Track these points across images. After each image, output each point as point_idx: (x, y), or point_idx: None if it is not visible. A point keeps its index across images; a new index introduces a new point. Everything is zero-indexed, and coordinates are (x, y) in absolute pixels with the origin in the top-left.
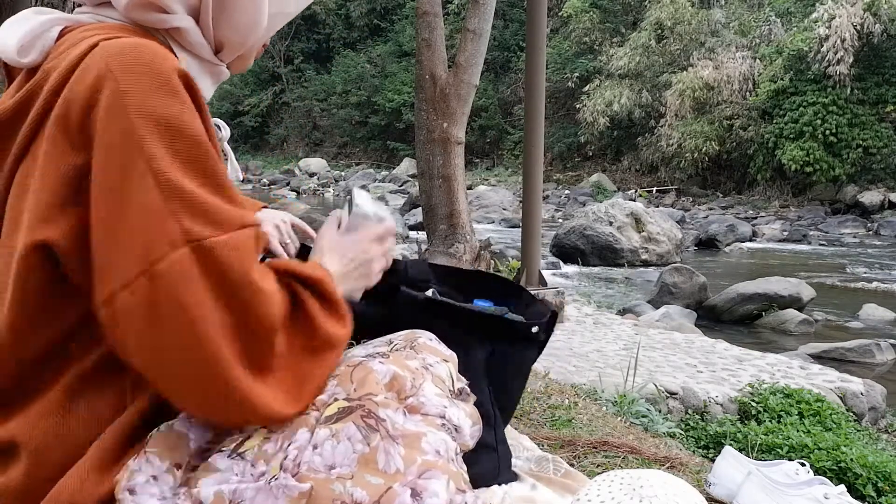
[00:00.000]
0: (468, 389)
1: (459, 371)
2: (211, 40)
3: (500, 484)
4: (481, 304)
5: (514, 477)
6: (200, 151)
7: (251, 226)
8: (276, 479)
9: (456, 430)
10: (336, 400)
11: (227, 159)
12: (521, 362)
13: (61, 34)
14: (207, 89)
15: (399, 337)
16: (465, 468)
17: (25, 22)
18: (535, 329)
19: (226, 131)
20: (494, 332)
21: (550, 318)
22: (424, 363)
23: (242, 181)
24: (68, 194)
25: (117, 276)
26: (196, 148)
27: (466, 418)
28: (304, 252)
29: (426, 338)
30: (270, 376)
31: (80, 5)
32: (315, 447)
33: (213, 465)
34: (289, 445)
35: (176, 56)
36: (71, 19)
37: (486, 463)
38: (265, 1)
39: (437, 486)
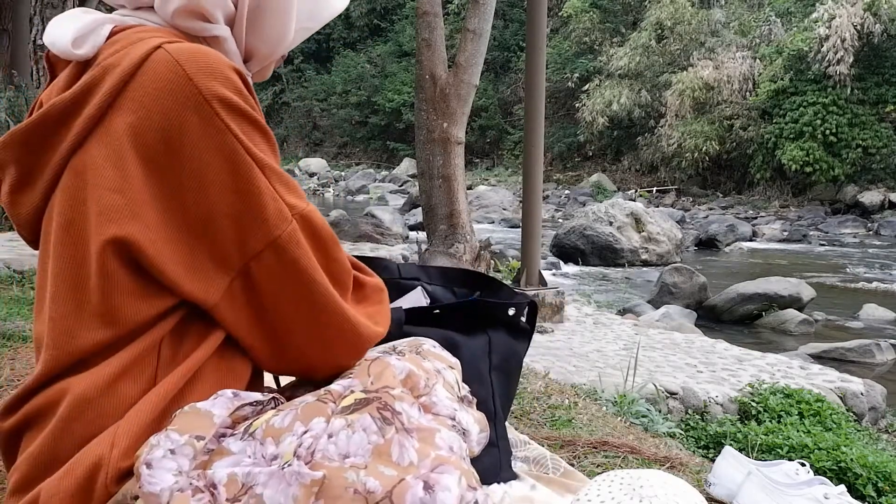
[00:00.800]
0: (470, 397)
1: (465, 368)
2: (242, 50)
3: (499, 482)
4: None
5: (513, 476)
6: (273, 141)
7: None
8: (289, 465)
9: (464, 433)
10: (353, 392)
11: None
12: (510, 355)
13: (112, 33)
14: None
15: (403, 344)
16: (474, 469)
17: (76, 19)
18: (511, 311)
19: None
20: (476, 319)
21: (530, 305)
22: (436, 366)
23: None
24: (150, 192)
25: (246, 251)
26: (270, 139)
27: (474, 424)
28: None
29: (430, 345)
30: (356, 305)
31: (112, 9)
32: (330, 436)
33: (227, 449)
34: (304, 433)
35: None
36: (118, 20)
37: (487, 459)
38: (293, 16)
39: (450, 480)
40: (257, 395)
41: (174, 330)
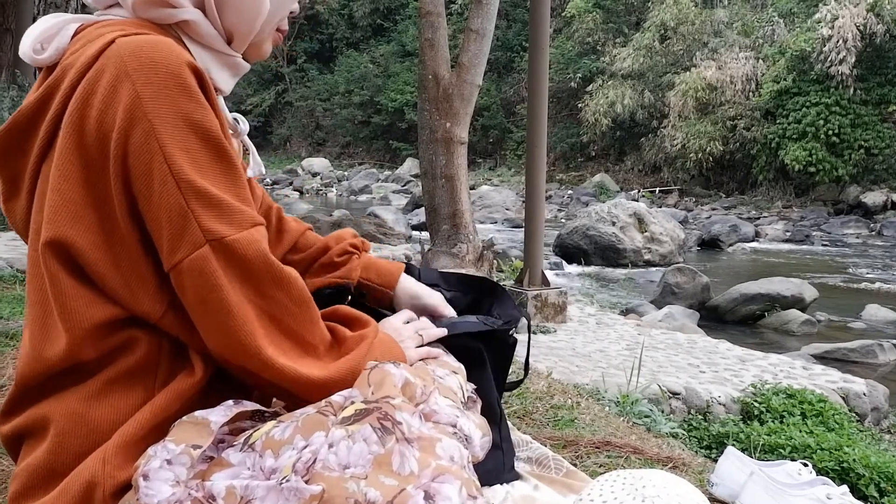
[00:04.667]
0: (475, 396)
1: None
2: (220, 30)
3: (502, 483)
4: (465, 320)
5: (516, 476)
6: (215, 150)
7: (261, 224)
8: (287, 480)
9: (467, 440)
10: (353, 402)
11: (248, 154)
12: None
13: (77, 32)
14: (226, 81)
15: None
16: (475, 476)
17: (41, 24)
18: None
19: (245, 125)
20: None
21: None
22: (434, 374)
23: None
24: (87, 194)
25: (166, 267)
26: (211, 146)
27: (476, 430)
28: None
29: (440, 348)
30: (294, 346)
31: (89, 11)
32: (331, 446)
33: (226, 460)
34: (304, 447)
35: (190, 52)
36: (84, 18)
37: (490, 460)
38: None
39: (450, 490)
40: (257, 406)
41: (171, 346)
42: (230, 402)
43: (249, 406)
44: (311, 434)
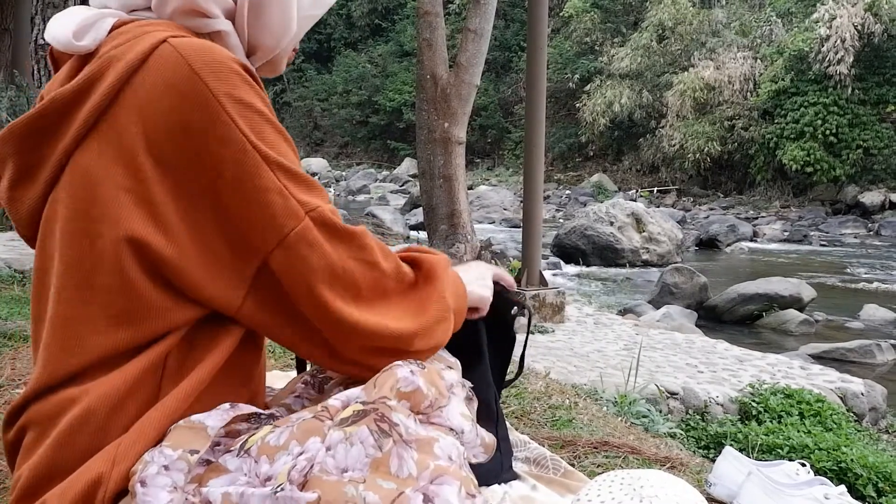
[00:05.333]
0: (471, 394)
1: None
2: (245, 43)
3: (500, 483)
4: None
5: (514, 476)
6: (282, 134)
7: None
8: (282, 488)
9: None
10: (352, 404)
11: None
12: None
13: (114, 27)
14: None
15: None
16: (472, 475)
17: (77, 13)
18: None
19: None
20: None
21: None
22: (449, 381)
23: None
24: (164, 192)
25: (260, 250)
26: (278, 131)
27: (480, 446)
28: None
29: None
30: (386, 304)
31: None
32: (328, 449)
33: (223, 466)
34: (300, 454)
35: None
36: (120, 14)
37: (488, 460)
38: (294, 8)
39: (449, 492)
40: (254, 409)
41: (179, 345)
42: (227, 405)
43: (246, 409)
44: (306, 440)
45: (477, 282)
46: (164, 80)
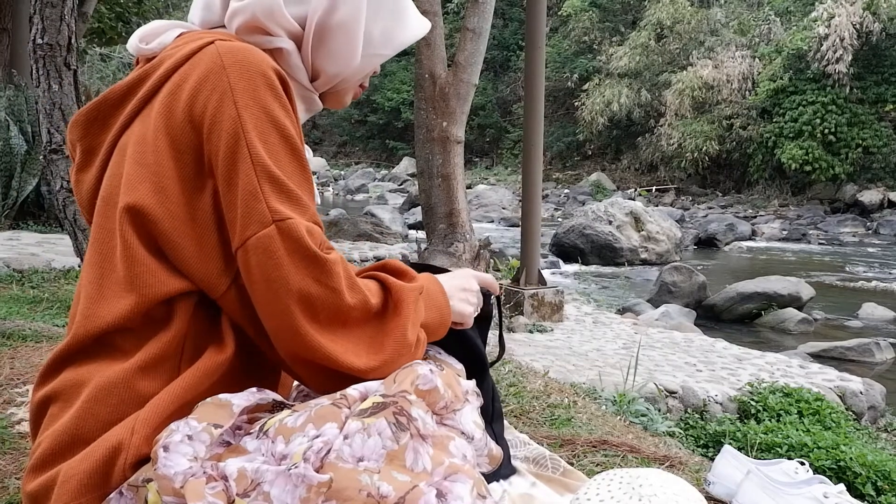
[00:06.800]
0: (479, 391)
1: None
2: (308, 67)
3: (499, 480)
4: None
5: (513, 471)
6: (290, 148)
7: (320, 225)
8: (296, 466)
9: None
10: (372, 396)
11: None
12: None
13: (180, 35)
14: (299, 112)
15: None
16: (482, 478)
17: (152, 25)
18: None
19: (309, 152)
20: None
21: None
22: (465, 388)
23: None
24: (173, 168)
25: (234, 245)
26: (287, 144)
27: (486, 457)
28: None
29: (434, 351)
30: (344, 333)
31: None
32: (346, 437)
33: (243, 448)
34: (316, 437)
35: None
36: (190, 27)
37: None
38: (360, 37)
39: (462, 489)
40: (279, 397)
41: (199, 325)
42: (253, 388)
43: (271, 395)
44: (323, 424)
45: (459, 295)
46: (198, 73)
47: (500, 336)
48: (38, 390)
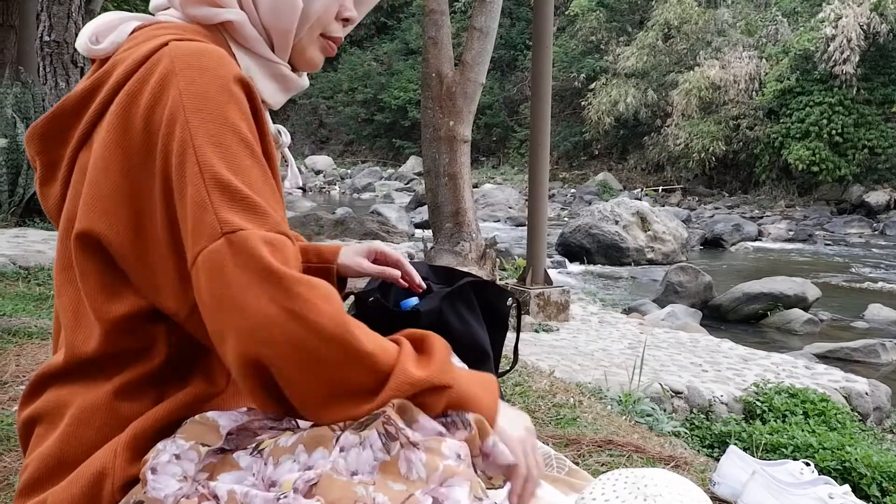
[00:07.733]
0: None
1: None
2: (262, 34)
3: None
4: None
5: None
6: (249, 152)
7: (286, 235)
8: (285, 496)
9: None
10: None
11: (286, 165)
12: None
13: (134, 31)
14: (273, 94)
15: None
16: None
17: (99, 19)
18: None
19: (286, 137)
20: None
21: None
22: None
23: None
24: (124, 188)
25: (188, 260)
26: (245, 148)
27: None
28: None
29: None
30: (316, 373)
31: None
32: (342, 450)
33: (236, 462)
34: (306, 461)
35: (237, 62)
36: (144, 17)
37: None
38: None
39: (460, 493)
40: (270, 416)
41: (184, 346)
42: (243, 409)
43: (261, 415)
44: (314, 448)
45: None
46: (151, 80)
47: (516, 346)
48: (23, 409)
